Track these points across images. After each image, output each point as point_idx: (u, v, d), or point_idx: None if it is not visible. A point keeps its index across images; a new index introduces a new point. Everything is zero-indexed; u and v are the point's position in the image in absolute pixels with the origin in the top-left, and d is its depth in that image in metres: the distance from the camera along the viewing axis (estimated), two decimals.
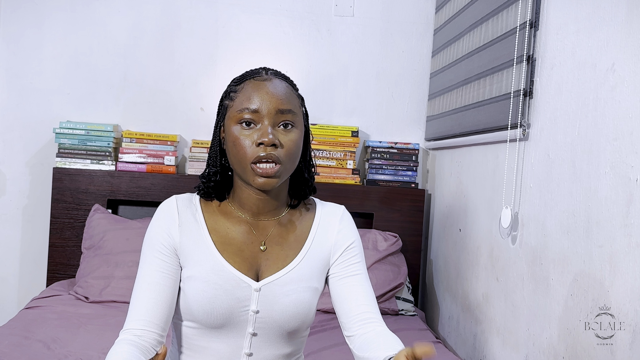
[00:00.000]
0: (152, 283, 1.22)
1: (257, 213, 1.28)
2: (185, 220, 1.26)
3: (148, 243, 1.26)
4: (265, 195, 1.26)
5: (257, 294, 1.22)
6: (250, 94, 1.22)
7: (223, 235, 1.26)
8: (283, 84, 1.25)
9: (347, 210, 1.38)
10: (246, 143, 1.19)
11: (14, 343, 1.84)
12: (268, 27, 2.86)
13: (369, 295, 1.30)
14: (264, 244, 1.27)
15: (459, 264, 2.37)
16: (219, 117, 1.28)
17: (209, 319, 1.21)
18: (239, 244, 1.26)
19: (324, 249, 1.31)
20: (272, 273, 1.25)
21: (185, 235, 1.25)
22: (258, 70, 1.27)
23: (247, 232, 1.27)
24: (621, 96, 1.34)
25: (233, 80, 1.28)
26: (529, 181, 1.77)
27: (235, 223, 1.28)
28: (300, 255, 1.28)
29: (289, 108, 1.22)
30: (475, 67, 2.19)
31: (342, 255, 1.31)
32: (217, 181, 1.28)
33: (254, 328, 1.23)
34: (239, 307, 1.22)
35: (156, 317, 1.21)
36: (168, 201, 1.29)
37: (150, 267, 1.24)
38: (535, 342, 1.68)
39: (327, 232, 1.32)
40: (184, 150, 2.86)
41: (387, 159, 2.80)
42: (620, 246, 1.32)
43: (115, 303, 2.31)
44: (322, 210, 1.35)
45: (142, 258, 1.26)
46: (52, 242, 2.63)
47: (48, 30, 2.77)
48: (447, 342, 2.46)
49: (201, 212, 1.28)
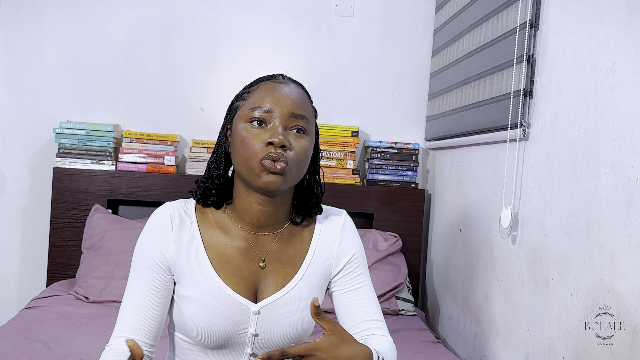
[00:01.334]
0: (140, 299, 1.18)
1: (257, 226, 1.21)
2: (180, 235, 1.20)
3: (139, 257, 1.21)
4: (268, 204, 1.19)
5: (256, 317, 1.18)
6: (264, 93, 1.17)
7: (220, 252, 1.20)
8: (300, 90, 1.21)
9: (349, 215, 1.33)
10: (255, 141, 1.13)
11: (14, 343, 1.84)
12: (268, 27, 2.86)
13: (372, 310, 1.26)
14: (263, 261, 1.22)
15: (459, 264, 2.37)
16: (227, 119, 1.23)
17: (206, 341, 1.17)
18: (237, 262, 1.20)
19: (324, 262, 1.26)
20: (271, 293, 1.20)
21: (180, 252, 1.19)
22: (275, 75, 1.23)
23: (246, 248, 1.21)
24: (621, 96, 1.34)
25: (249, 83, 1.24)
26: (529, 181, 1.77)
27: (233, 238, 1.21)
28: (300, 272, 1.23)
29: (303, 114, 1.17)
30: (475, 67, 2.19)
31: (345, 268, 1.27)
32: (220, 184, 1.22)
33: (253, 349, 1.20)
34: (237, 330, 1.18)
35: (144, 334, 1.17)
36: (161, 212, 1.22)
37: (140, 282, 1.19)
38: (535, 342, 1.68)
39: (328, 243, 1.27)
40: (184, 150, 2.86)
41: (387, 159, 2.80)
42: (620, 246, 1.32)
43: (115, 303, 2.31)
44: (323, 221, 1.29)
45: (133, 269, 1.21)
46: (52, 242, 2.63)
47: (48, 30, 2.77)
48: (447, 342, 2.46)
49: (197, 226, 1.21)
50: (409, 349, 2.03)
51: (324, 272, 1.26)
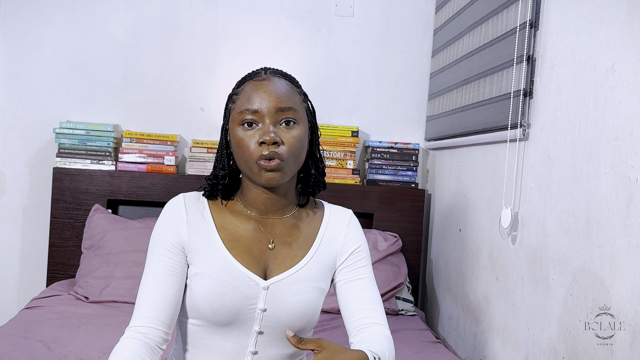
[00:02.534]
0: (158, 280, 1.22)
1: (265, 211, 1.28)
2: (193, 218, 1.26)
3: (155, 240, 1.26)
4: (273, 193, 1.27)
5: (265, 292, 1.23)
6: (249, 95, 1.23)
7: (231, 233, 1.26)
8: (282, 82, 1.26)
9: (354, 215, 1.39)
10: (249, 143, 1.20)
11: (14, 343, 1.84)
12: (268, 27, 2.86)
13: (372, 300, 1.30)
14: (272, 242, 1.27)
15: (459, 264, 2.37)
16: (225, 120, 1.30)
17: (216, 316, 1.21)
18: (247, 241, 1.26)
19: (331, 251, 1.31)
20: (280, 272, 1.25)
21: (193, 233, 1.25)
22: (258, 71, 1.29)
23: (255, 230, 1.28)
24: (621, 96, 1.34)
25: (236, 83, 1.30)
26: (529, 181, 1.77)
27: (243, 220, 1.28)
28: (308, 256, 1.28)
29: (289, 106, 1.23)
30: (475, 67, 2.19)
31: (348, 259, 1.32)
32: (226, 184, 1.29)
33: (261, 326, 1.23)
34: (246, 304, 1.22)
35: (162, 314, 1.21)
36: (175, 199, 1.29)
37: (157, 264, 1.23)
38: (535, 342, 1.68)
39: (335, 234, 1.33)
40: (184, 150, 2.86)
41: (387, 159, 2.80)
42: (620, 246, 1.32)
43: (115, 303, 2.31)
44: (330, 213, 1.36)
45: (149, 255, 1.26)
46: (52, 242, 2.63)
47: (48, 30, 2.77)
48: (447, 342, 2.46)
49: (209, 210, 1.28)
50: (408, 349, 2.03)
51: (330, 260, 1.31)
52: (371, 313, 1.28)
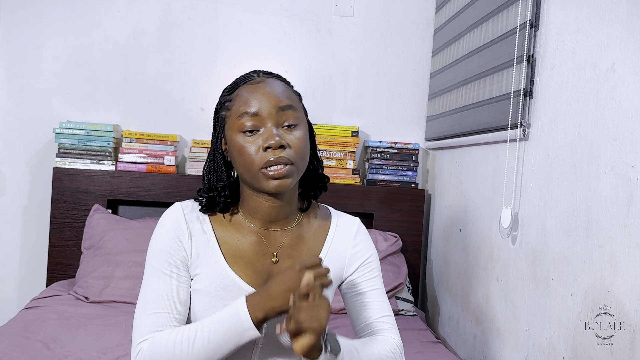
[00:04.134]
0: (171, 297, 1.16)
1: (268, 222, 1.23)
2: (194, 232, 1.21)
3: (158, 255, 1.19)
4: (278, 200, 1.21)
5: None
6: (246, 98, 1.18)
7: (233, 247, 1.22)
8: (277, 82, 1.22)
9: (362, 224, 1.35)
10: (252, 150, 1.15)
11: (14, 343, 1.84)
12: (268, 27, 2.86)
13: (383, 310, 1.27)
14: (276, 256, 1.23)
15: (459, 264, 2.37)
16: (216, 130, 1.24)
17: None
18: (250, 256, 1.22)
19: (337, 264, 1.28)
20: None
21: (195, 247, 1.20)
22: (249, 75, 1.24)
23: (258, 244, 1.23)
24: (621, 96, 1.34)
25: (225, 90, 1.25)
26: (529, 181, 1.77)
27: (245, 234, 1.23)
28: None
29: (289, 104, 1.19)
30: (475, 67, 2.19)
31: (358, 270, 1.29)
32: (227, 195, 1.23)
33: (262, 342, 1.21)
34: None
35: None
36: (174, 211, 1.23)
37: (165, 280, 1.17)
38: (535, 342, 1.68)
39: (341, 246, 1.29)
40: (184, 150, 2.86)
41: (387, 159, 2.80)
42: (620, 246, 1.32)
43: (115, 303, 2.31)
44: (337, 223, 1.31)
45: (151, 270, 1.19)
46: (52, 242, 2.63)
47: (48, 30, 2.77)
48: (447, 342, 2.46)
49: (209, 223, 1.23)
50: (409, 349, 2.03)
51: (335, 274, 1.27)
52: (383, 326, 1.26)
